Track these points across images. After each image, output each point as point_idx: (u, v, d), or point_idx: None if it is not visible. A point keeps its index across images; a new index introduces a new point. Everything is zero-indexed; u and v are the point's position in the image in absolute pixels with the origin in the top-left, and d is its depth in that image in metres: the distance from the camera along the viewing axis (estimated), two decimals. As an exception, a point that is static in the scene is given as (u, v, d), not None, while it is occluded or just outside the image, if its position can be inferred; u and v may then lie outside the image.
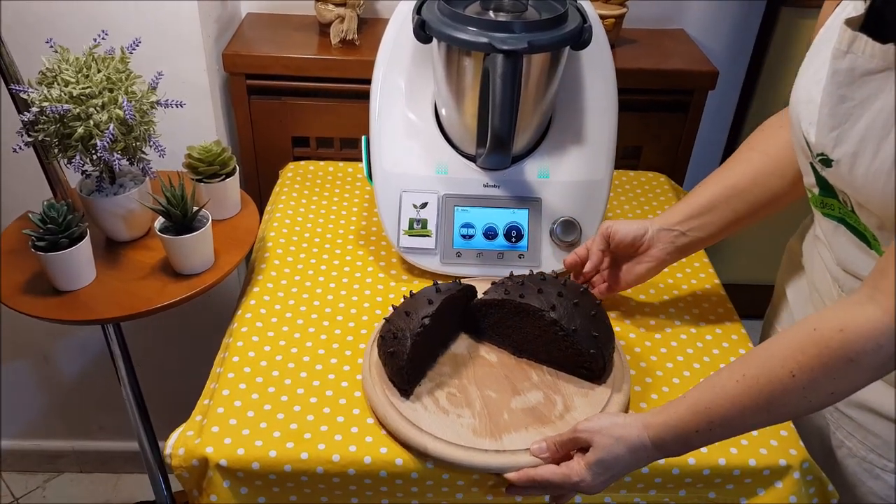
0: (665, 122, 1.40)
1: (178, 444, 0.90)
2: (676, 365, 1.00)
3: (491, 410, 0.91)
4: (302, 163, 1.40)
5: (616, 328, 1.01)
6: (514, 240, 1.11)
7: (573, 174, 1.12)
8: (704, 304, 1.10)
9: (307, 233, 1.22)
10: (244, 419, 0.91)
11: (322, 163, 1.40)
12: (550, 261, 1.11)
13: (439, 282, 1.00)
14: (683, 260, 1.13)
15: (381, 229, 1.22)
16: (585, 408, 0.91)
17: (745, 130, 1.70)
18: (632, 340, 1.04)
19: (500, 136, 0.98)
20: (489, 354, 0.99)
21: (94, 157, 1.03)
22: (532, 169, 1.12)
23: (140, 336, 1.53)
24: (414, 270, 1.15)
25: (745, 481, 0.90)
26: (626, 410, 0.92)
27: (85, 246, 1.02)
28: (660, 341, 1.04)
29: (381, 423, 0.91)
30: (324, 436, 0.90)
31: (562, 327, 0.92)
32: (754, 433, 0.91)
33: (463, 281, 1.04)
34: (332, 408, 0.93)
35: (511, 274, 1.01)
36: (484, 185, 1.12)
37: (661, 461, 0.87)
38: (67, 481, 1.74)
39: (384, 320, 0.96)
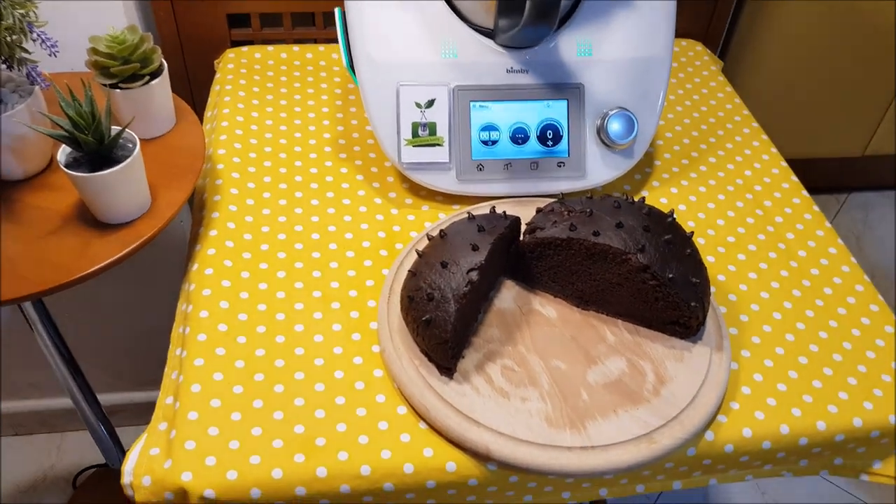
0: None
1: (141, 468, 0.63)
2: (773, 294, 0.77)
3: (564, 389, 0.67)
4: (244, 49, 1.05)
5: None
6: (550, 143, 0.83)
7: (623, 49, 0.83)
8: (797, 223, 0.87)
9: (268, 146, 0.90)
10: (229, 426, 0.65)
11: (270, 48, 1.05)
12: (599, 169, 0.84)
13: (473, 212, 0.73)
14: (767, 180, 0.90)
15: (366, 136, 0.92)
16: (685, 377, 0.68)
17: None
18: (710, 267, 0.80)
19: (545, -2, 0.68)
20: (545, 308, 0.74)
21: (-46, 61, 0.69)
22: (569, 44, 0.82)
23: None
24: (420, 191, 0.86)
25: (859, 450, 0.70)
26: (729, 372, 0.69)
27: (-39, 192, 0.69)
28: (744, 264, 0.80)
29: (420, 415, 0.66)
30: (343, 439, 0.64)
31: (654, 275, 0.67)
32: (852, 381, 0.70)
33: (492, 203, 0.77)
34: (348, 396, 0.67)
35: (561, 197, 0.74)
36: (507, 71, 0.82)
37: (748, 434, 0.66)
38: (4, 446, 1.44)
39: (409, 273, 0.69)
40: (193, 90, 1.10)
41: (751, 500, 1.35)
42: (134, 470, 0.64)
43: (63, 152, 0.73)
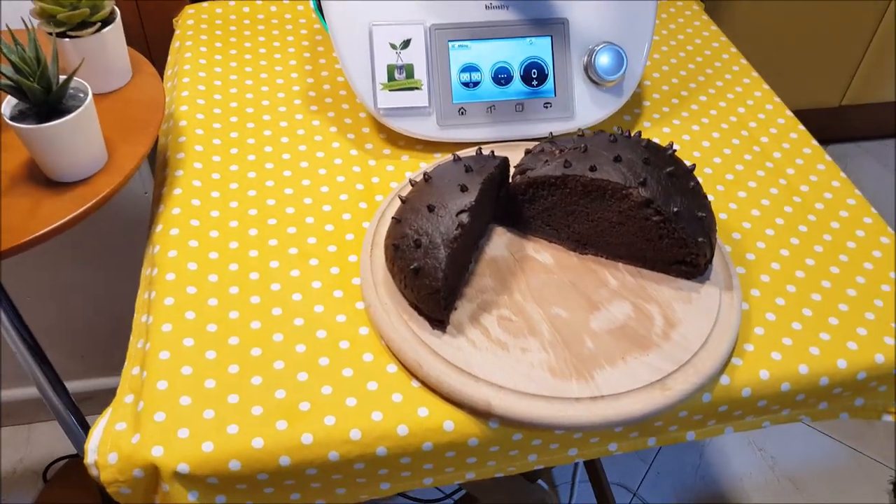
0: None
1: (106, 445, 0.56)
2: (779, 231, 0.72)
3: (566, 337, 0.61)
4: (204, 4, 0.96)
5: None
6: (535, 82, 0.76)
7: (607, -18, 0.77)
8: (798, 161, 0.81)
9: (234, 101, 0.83)
10: (202, 394, 0.58)
11: (232, 2, 0.97)
12: (588, 108, 0.77)
13: (459, 154, 0.66)
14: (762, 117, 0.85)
15: (338, 87, 0.85)
16: (695, 319, 0.62)
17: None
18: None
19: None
20: (540, 254, 0.67)
21: None
22: (549, -21, 0.76)
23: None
24: (399, 141, 0.79)
25: (881, 389, 0.65)
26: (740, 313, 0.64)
27: None
28: (745, 201, 0.75)
29: (412, 372, 0.59)
30: (329, 402, 0.57)
31: (658, 209, 0.61)
32: (870, 316, 0.65)
33: (478, 147, 0.70)
34: (332, 357, 0.60)
35: (551, 136, 0.68)
36: (486, 7, 0.75)
37: (766, 376, 0.61)
38: (-30, 442, 1.36)
39: (393, 220, 0.62)
40: (151, 47, 1.01)
41: (747, 457, 1.31)
42: (98, 448, 0.56)
43: (8, 104, 0.65)
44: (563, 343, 0.60)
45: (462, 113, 0.75)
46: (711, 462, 1.29)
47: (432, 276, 0.58)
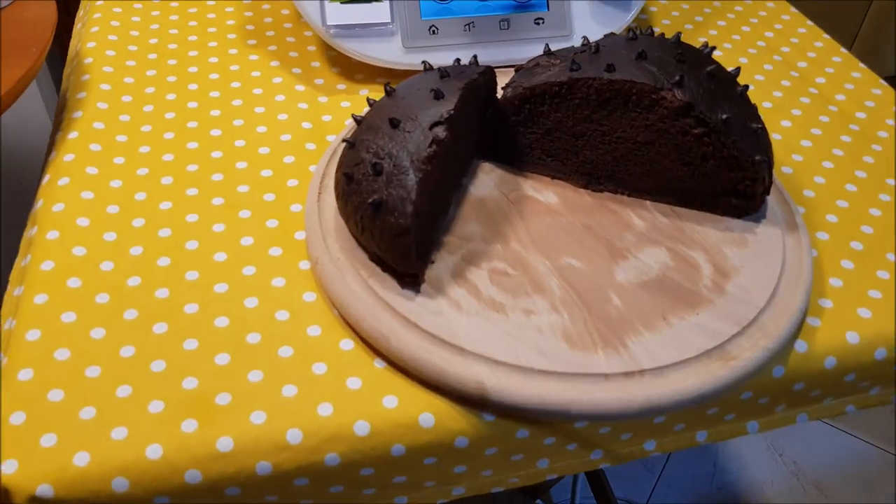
0: None
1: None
2: (839, 164, 0.55)
3: (585, 294, 0.43)
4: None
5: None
6: (524, -4, 0.60)
7: None
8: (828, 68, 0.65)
9: (154, 38, 0.65)
10: (81, 385, 0.39)
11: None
12: (588, 25, 0.60)
13: (430, 62, 0.49)
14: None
15: (282, 20, 0.68)
16: (755, 267, 0.44)
17: None
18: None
19: None
20: (541, 193, 0.50)
21: None
22: None
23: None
24: (356, 74, 0.62)
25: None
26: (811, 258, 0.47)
27: None
28: (792, 132, 0.58)
29: (374, 349, 0.42)
30: (258, 393, 0.39)
31: (700, 117, 0.44)
32: (875, 294, 0.47)
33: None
34: (265, 332, 0.42)
35: (547, 47, 0.51)
36: None
37: (854, 339, 0.43)
38: None
39: (345, 143, 0.45)
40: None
41: (766, 463, 1.13)
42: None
43: None
44: (581, 301, 0.43)
45: (433, 32, 0.58)
46: (727, 470, 1.11)
47: (399, 211, 0.40)
